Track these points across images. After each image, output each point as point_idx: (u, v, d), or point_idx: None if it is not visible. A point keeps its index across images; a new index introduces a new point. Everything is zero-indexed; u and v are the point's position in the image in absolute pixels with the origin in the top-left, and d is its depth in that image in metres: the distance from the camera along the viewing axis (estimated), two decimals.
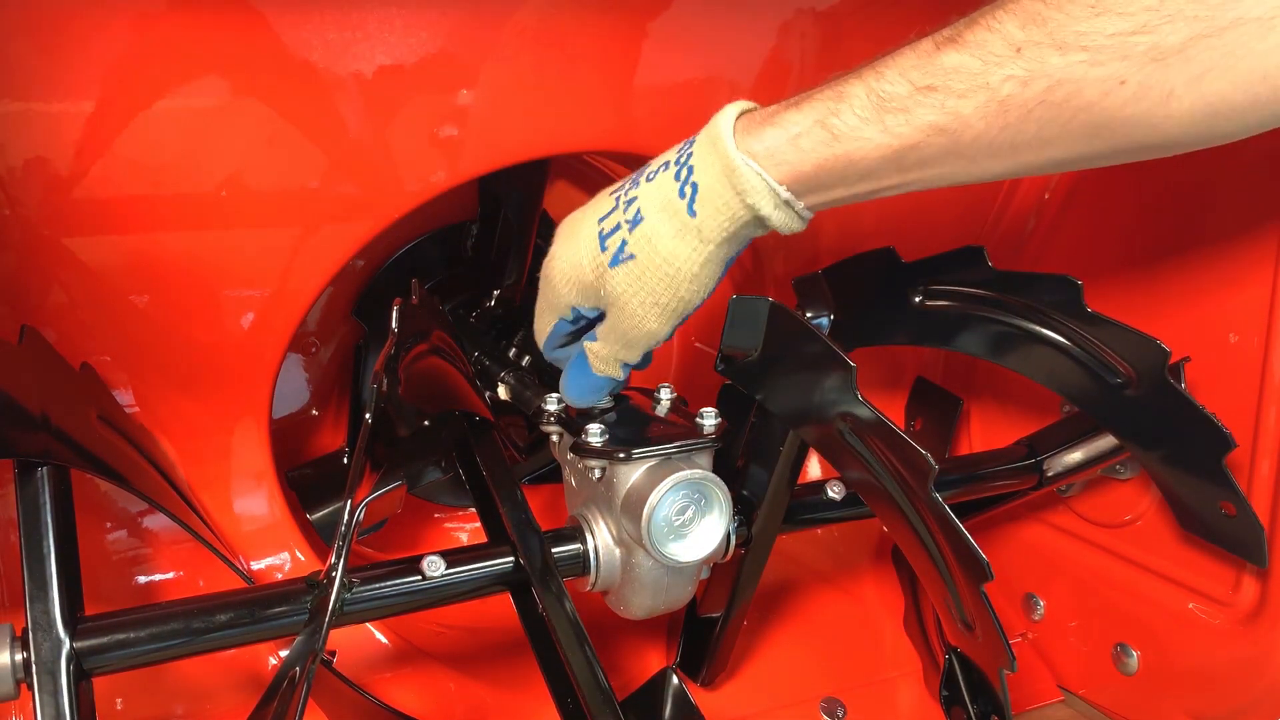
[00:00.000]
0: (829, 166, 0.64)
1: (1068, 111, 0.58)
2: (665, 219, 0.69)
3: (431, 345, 0.88)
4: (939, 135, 0.61)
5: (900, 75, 0.61)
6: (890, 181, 0.65)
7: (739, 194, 0.66)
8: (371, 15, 0.80)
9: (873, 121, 0.62)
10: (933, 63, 0.60)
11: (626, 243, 0.70)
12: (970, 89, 0.59)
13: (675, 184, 0.69)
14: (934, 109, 0.60)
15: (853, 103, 0.63)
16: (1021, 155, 0.62)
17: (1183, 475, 0.87)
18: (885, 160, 0.63)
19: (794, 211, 0.68)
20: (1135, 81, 0.56)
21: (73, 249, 0.81)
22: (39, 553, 0.68)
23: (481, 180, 1.09)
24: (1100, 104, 0.57)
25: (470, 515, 1.27)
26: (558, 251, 0.76)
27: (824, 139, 0.64)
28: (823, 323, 1.02)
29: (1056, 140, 0.60)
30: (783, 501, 0.88)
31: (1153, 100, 0.56)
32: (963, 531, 0.67)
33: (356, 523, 0.70)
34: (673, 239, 0.69)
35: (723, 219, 0.67)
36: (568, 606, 0.78)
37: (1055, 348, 0.89)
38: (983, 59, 0.59)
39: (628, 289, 0.71)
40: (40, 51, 0.72)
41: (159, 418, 0.92)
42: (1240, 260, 0.86)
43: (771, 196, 0.66)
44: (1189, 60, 0.55)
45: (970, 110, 0.60)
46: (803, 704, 1.01)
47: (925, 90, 0.60)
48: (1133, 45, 0.55)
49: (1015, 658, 0.73)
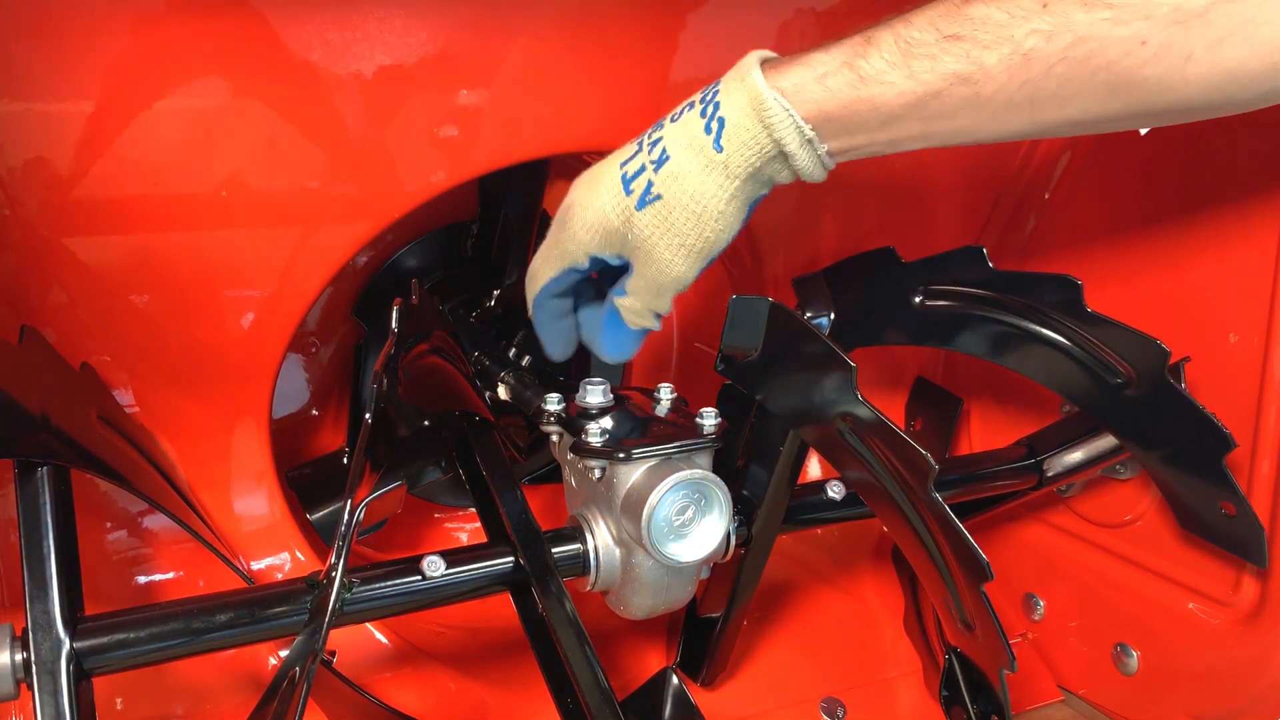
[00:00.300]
0: (854, 108, 0.65)
1: (1089, 69, 0.59)
2: (691, 155, 0.69)
3: (431, 345, 0.88)
4: (962, 84, 0.62)
5: (928, 23, 0.63)
6: (911, 130, 0.66)
7: (766, 127, 0.67)
8: (371, 15, 0.80)
9: (899, 66, 0.63)
10: (960, 13, 0.61)
11: (653, 183, 0.71)
12: (995, 40, 0.60)
13: (701, 120, 0.69)
14: (959, 58, 0.61)
15: (880, 47, 0.64)
16: (1040, 112, 0.62)
17: (1183, 475, 0.87)
18: (908, 106, 0.64)
19: (816, 155, 0.68)
20: (1156, 42, 0.57)
21: (73, 249, 0.81)
22: (39, 553, 0.68)
23: (481, 180, 1.09)
24: (1121, 63, 0.58)
25: (470, 515, 1.27)
26: (578, 199, 0.75)
27: (850, 80, 0.65)
28: (823, 323, 1.02)
29: (1075, 97, 0.61)
30: (783, 501, 0.88)
31: (1172, 62, 0.57)
32: (963, 531, 0.67)
33: (356, 523, 0.70)
34: (700, 175, 0.69)
35: (749, 153, 0.68)
36: (568, 606, 0.77)
37: (1055, 348, 0.89)
38: (1009, 12, 0.60)
39: (655, 232, 0.71)
40: (40, 51, 0.72)
41: (159, 418, 0.92)
42: (1240, 260, 0.86)
43: (797, 132, 0.67)
44: (1210, 24, 0.56)
45: (994, 61, 0.61)
46: (803, 704, 1.01)
47: (951, 39, 0.61)
48: (1155, 6, 0.56)
49: (1015, 658, 0.73)
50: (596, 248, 0.75)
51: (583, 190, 0.76)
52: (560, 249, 0.77)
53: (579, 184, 0.77)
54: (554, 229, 0.78)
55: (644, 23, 0.90)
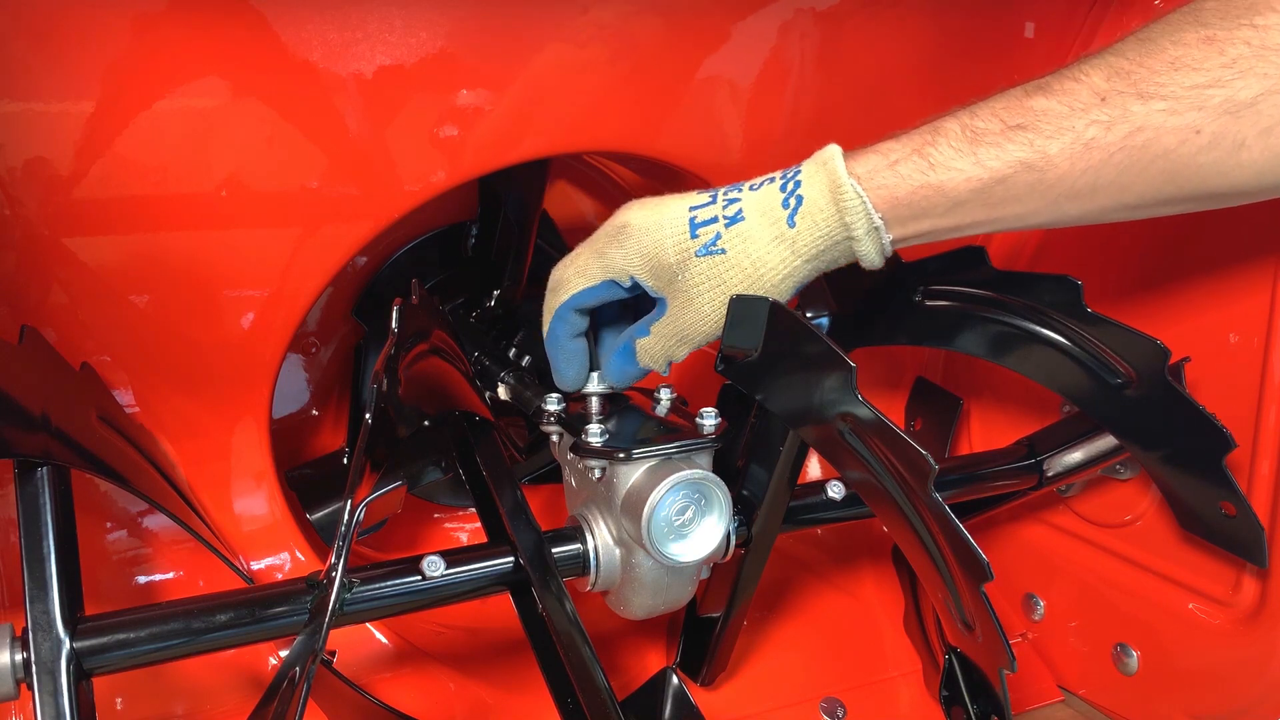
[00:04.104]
0: (922, 194, 0.68)
1: (1146, 157, 0.63)
2: (765, 224, 0.71)
3: (431, 345, 0.88)
4: (1026, 172, 0.65)
5: (992, 115, 0.67)
6: (976, 216, 0.69)
7: (839, 211, 0.69)
8: (371, 15, 0.80)
9: (965, 154, 0.67)
10: (1022, 105, 0.66)
11: (720, 236, 0.72)
12: (1057, 130, 0.64)
13: (780, 195, 0.71)
14: (1023, 146, 0.65)
15: (949, 136, 0.67)
16: (1099, 198, 0.66)
17: (1183, 475, 0.87)
18: (974, 192, 0.67)
19: (880, 243, 0.71)
20: (1209, 131, 0.62)
21: (73, 249, 0.81)
22: (39, 553, 0.68)
23: (481, 180, 1.09)
24: (1177, 150, 0.63)
25: (470, 515, 1.27)
26: (636, 222, 0.75)
27: (920, 166, 0.68)
28: (823, 323, 1.02)
29: (1134, 185, 0.65)
30: (783, 501, 0.88)
31: (1225, 149, 0.62)
32: (963, 531, 0.67)
33: (356, 523, 0.70)
34: (767, 244, 0.71)
35: (818, 235, 0.70)
36: (568, 606, 0.77)
37: (1055, 348, 0.89)
38: (1069, 105, 0.64)
39: (705, 282, 0.73)
40: (40, 51, 0.72)
41: (159, 418, 0.92)
42: (1241, 260, 0.86)
43: (867, 219, 0.69)
44: (1260, 114, 0.60)
45: (1056, 150, 0.65)
46: (803, 704, 1.01)
47: (1015, 129, 0.65)
48: (1208, 97, 0.61)
49: (1015, 658, 0.73)
50: (642, 273, 0.75)
51: (642, 216, 0.76)
52: (606, 262, 0.77)
53: (636, 208, 0.77)
54: (599, 244, 0.77)
55: (644, 23, 0.90)
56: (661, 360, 0.78)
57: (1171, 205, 0.67)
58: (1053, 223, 0.70)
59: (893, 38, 0.99)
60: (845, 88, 1.00)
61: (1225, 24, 0.61)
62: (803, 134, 0.76)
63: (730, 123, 0.98)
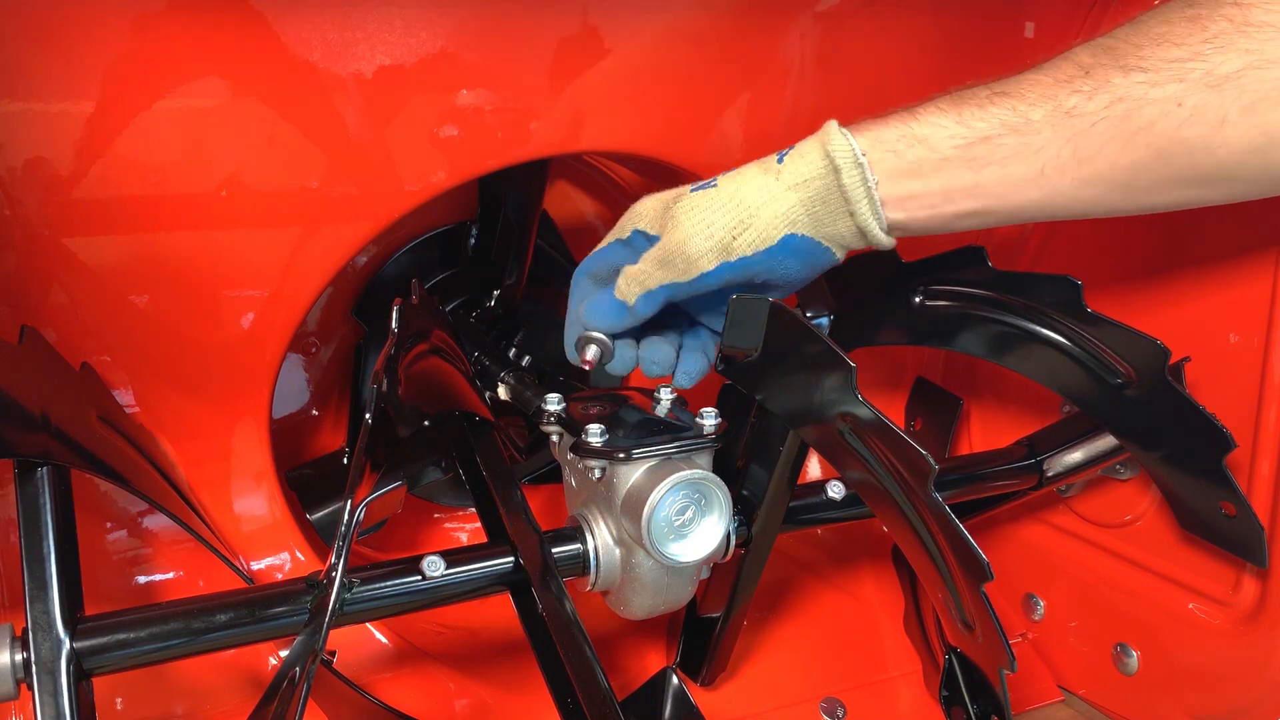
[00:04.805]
0: (908, 144, 0.70)
1: (1129, 128, 0.64)
2: (756, 169, 0.75)
3: (431, 345, 0.88)
4: (1010, 134, 0.67)
5: (978, 84, 0.70)
6: (964, 180, 0.70)
7: (826, 151, 0.71)
8: (371, 15, 0.80)
9: (949, 113, 0.69)
10: (1009, 80, 0.69)
11: (715, 181, 0.76)
12: (1040, 98, 0.67)
13: (774, 154, 0.75)
14: (1006, 110, 0.67)
15: (935, 101, 0.71)
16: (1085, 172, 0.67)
17: (1183, 475, 0.87)
18: (958, 149, 0.69)
19: (868, 185, 0.71)
20: (1191, 104, 0.62)
21: (73, 249, 0.81)
22: (39, 553, 0.68)
23: (481, 180, 1.09)
24: (1159, 124, 0.63)
25: (470, 515, 1.27)
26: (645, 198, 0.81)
27: (905, 119, 0.71)
28: (823, 323, 1.02)
29: (1120, 160, 0.65)
30: (783, 501, 0.88)
31: (1208, 123, 0.62)
32: (963, 531, 0.67)
33: (356, 523, 0.70)
34: (755, 177, 0.74)
35: (802, 165, 0.72)
36: (568, 606, 0.77)
37: (1055, 348, 0.89)
38: (1053, 76, 0.67)
39: (694, 208, 0.74)
40: (40, 51, 0.72)
41: (159, 418, 0.92)
42: (1240, 260, 0.86)
43: (851, 155, 0.71)
44: (1242, 89, 0.61)
45: (1039, 116, 0.66)
46: (803, 704, 1.01)
47: (999, 95, 0.68)
48: (1188, 70, 0.61)
49: (1015, 658, 0.73)
50: (644, 223, 0.79)
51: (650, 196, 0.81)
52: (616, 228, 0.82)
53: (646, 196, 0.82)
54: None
55: (644, 23, 0.90)
56: (635, 285, 0.76)
57: (1165, 190, 0.67)
58: (1048, 207, 0.70)
59: (893, 38, 0.99)
60: (845, 88, 1.00)
61: (1210, 3, 0.62)
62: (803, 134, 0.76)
63: (730, 123, 0.98)
